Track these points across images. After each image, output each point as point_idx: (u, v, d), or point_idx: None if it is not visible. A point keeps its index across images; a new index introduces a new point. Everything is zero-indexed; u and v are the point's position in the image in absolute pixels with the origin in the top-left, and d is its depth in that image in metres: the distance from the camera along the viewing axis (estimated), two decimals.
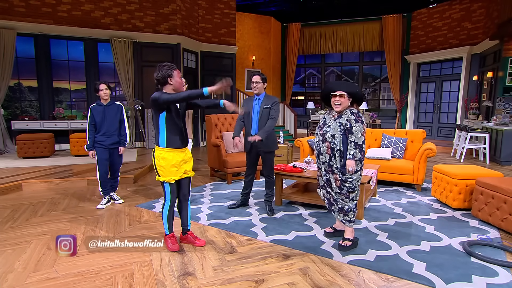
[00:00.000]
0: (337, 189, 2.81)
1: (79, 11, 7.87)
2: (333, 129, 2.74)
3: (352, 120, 2.69)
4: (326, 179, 2.87)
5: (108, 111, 3.88)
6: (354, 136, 2.66)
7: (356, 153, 2.66)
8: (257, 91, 3.70)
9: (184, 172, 2.79)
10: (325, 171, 2.85)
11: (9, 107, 7.67)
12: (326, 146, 2.77)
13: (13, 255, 2.72)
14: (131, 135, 8.43)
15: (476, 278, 2.38)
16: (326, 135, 2.77)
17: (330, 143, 2.75)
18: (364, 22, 12.27)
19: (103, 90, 3.81)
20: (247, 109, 3.73)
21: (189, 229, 2.98)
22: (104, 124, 3.85)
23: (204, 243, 2.91)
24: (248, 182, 3.98)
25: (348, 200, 2.81)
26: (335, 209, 2.91)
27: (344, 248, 2.80)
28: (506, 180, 3.50)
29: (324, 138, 2.79)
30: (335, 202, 2.88)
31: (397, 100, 11.92)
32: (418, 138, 5.22)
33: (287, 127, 10.91)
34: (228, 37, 10.18)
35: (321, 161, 2.85)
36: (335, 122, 2.76)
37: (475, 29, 9.60)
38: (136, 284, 2.30)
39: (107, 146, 3.87)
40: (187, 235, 2.96)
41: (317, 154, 2.92)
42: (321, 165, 2.87)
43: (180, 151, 2.73)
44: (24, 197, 4.43)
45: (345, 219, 2.86)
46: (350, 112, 2.73)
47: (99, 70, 8.40)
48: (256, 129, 3.71)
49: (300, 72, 14.40)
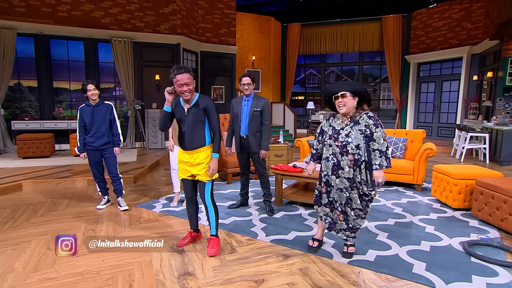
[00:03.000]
0: (359, 205, 2.51)
1: (79, 11, 7.87)
2: (355, 139, 2.42)
3: (372, 125, 2.40)
4: (347, 197, 2.52)
5: (97, 111, 3.74)
6: (376, 143, 2.37)
7: (383, 162, 2.36)
8: (248, 92, 3.68)
9: (191, 175, 2.76)
10: (344, 188, 2.50)
11: (9, 107, 7.67)
12: (349, 160, 2.44)
13: (13, 255, 2.72)
14: (131, 135, 8.43)
15: (476, 278, 2.38)
16: (349, 146, 2.43)
17: (354, 155, 2.42)
18: (364, 22, 12.27)
19: (91, 90, 3.68)
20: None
21: (212, 234, 2.81)
22: (94, 125, 3.72)
23: (214, 254, 2.71)
24: (244, 182, 3.99)
25: (364, 217, 2.60)
26: (339, 228, 2.66)
27: (351, 255, 2.70)
28: (506, 180, 3.50)
29: (346, 150, 2.45)
30: (345, 221, 2.60)
31: (397, 100, 11.92)
32: (418, 138, 5.22)
33: (287, 127, 10.91)
34: (228, 37, 10.18)
35: (343, 176, 2.49)
36: (354, 130, 2.44)
37: (475, 29, 9.60)
38: (136, 284, 2.30)
39: (97, 147, 3.75)
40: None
41: (328, 169, 2.56)
42: (337, 181, 2.53)
43: (185, 152, 2.71)
44: (24, 197, 4.43)
45: (349, 236, 2.67)
46: (367, 117, 2.43)
47: (99, 70, 8.40)
48: (245, 131, 3.71)
49: (300, 72, 14.40)
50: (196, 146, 2.66)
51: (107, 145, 3.81)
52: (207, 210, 2.77)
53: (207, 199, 2.73)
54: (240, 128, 3.74)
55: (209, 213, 2.77)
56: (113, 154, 3.87)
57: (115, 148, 3.89)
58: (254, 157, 3.76)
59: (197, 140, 2.65)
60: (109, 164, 3.87)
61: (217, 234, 2.81)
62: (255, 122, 3.67)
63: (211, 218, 2.78)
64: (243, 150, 3.81)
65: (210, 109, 2.64)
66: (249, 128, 3.68)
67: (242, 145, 3.78)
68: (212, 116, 2.66)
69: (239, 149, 3.82)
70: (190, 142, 2.66)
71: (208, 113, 2.65)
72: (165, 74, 8.71)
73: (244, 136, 3.74)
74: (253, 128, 3.67)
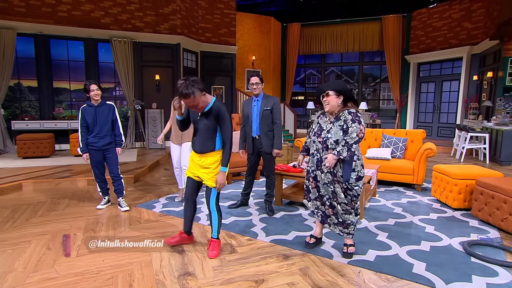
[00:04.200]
0: (344, 199, 2.59)
1: (79, 11, 7.87)
2: (334, 134, 2.54)
3: (349, 120, 2.51)
4: (332, 191, 2.63)
5: (99, 112, 3.74)
6: (348, 136, 2.48)
7: (343, 151, 2.46)
8: (257, 91, 3.68)
9: (197, 176, 2.76)
10: (329, 183, 2.62)
11: (9, 107, 7.67)
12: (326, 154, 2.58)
13: (13, 255, 2.72)
14: (131, 135, 8.43)
15: (476, 278, 2.38)
16: (328, 141, 2.56)
17: (333, 150, 2.53)
18: (364, 22, 12.27)
19: (94, 91, 3.67)
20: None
21: (213, 236, 2.78)
22: (96, 125, 3.72)
23: (214, 256, 2.70)
24: (249, 182, 3.99)
25: (353, 212, 2.64)
26: (332, 222, 2.74)
27: (351, 255, 2.71)
28: (506, 180, 3.50)
29: (326, 146, 2.57)
30: (335, 215, 2.70)
31: (397, 100, 11.92)
32: (418, 138, 5.22)
33: (287, 127, 10.91)
34: (228, 37, 10.18)
35: (325, 172, 2.61)
36: (335, 126, 2.56)
37: (475, 29, 9.60)
38: (136, 284, 2.30)
39: (99, 147, 3.76)
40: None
41: (314, 165, 2.70)
42: (323, 176, 2.63)
43: (195, 154, 2.74)
44: (24, 197, 4.42)
45: (343, 232, 2.71)
46: (348, 112, 2.55)
47: (99, 70, 8.40)
48: (257, 131, 3.71)
49: (300, 72, 14.40)
50: (205, 150, 2.66)
51: (110, 145, 3.83)
52: (211, 215, 2.75)
53: (212, 204, 2.71)
54: (251, 129, 3.74)
55: (212, 218, 2.75)
56: (115, 154, 3.89)
57: (117, 148, 3.91)
58: (266, 157, 3.75)
59: (207, 144, 2.65)
60: (110, 164, 3.88)
61: (218, 237, 2.80)
62: (265, 121, 3.66)
63: (214, 223, 2.75)
64: (255, 151, 3.80)
65: (222, 118, 2.58)
66: (261, 128, 3.68)
67: (254, 146, 3.77)
68: (224, 125, 2.60)
69: (252, 150, 3.81)
70: (200, 145, 2.67)
71: (220, 121, 2.60)
72: (165, 74, 8.74)
73: (256, 137, 3.73)
74: (265, 127, 3.67)
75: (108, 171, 3.92)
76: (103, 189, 3.97)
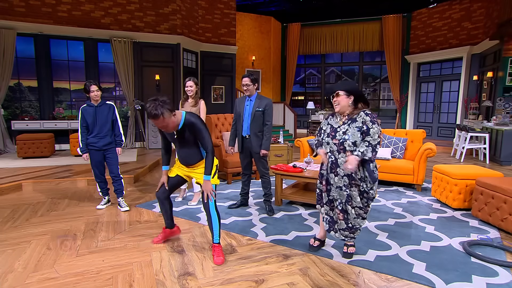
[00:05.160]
0: (359, 203, 2.52)
1: (79, 11, 7.87)
2: (352, 136, 2.45)
3: (368, 121, 2.45)
4: (347, 194, 2.53)
5: (99, 112, 3.75)
6: (370, 137, 2.41)
7: (367, 152, 2.37)
8: (248, 93, 3.70)
9: (188, 176, 2.86)
10: (344, 186, 2.52)
11: (9, 107, 7.67)
12: (347, 156, 2.46)
13: (13, 255, 2.72)
14: (131, 135, 8.43)
15: (476, 278, 2.38)
16: (345, 143, 2.46)
17: (352, 152, 2.44)
18: (364, 22, 12.27)
19: (94, 91, 3.68)
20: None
21: (215, 241, 2.71)
22: (96, 125, 3.73)
23: (221, 262, 2.61)
24: (245, 182, 3.99)
25: (364, 217, 2.58)
26: (339, 228, 2.65)
27: (351, 255, 2.70)
28: (506, 180, 3.50)
29: (343, 148, 2.48)
30: (344, 220, 2.60)
31: (397, 100, 11.92)
32: (418, 138, 5.22)
33: (287, 127, 10.91)
34: (228, 37, 10.18)
35: (342, 174, 2.51)
36: (351, 128, 2.47)
37: (475, 29, 9.61)
38: (136, 284, 2.30)
39: (99, 147, 3.76)
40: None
41: (328, 167, 2.59)
42: (337, 179, 2.54)
43: (183, 166, 2.82)
44: (24, 197, 4.42)
45: (347, 236, 2.66)
46: (365, 114, 2.49)
47: (99, 70, 8.39)
48: (247, 130, 3.72)
49: (300, 72, 14.40)
50: (193, 162, 2.75)
51: (110, 145, 3.84)
52: (211, 219, 2.69)
53: (212, 208, 2.67)
54: (242, 127, 3.76)
55: (213, 221, 2.69)
56: (115, 154, 3.89)
57: (118, 148, 3.91)
58: (256, 157, 3.77)
59: (192, 157, 2.73)
60: (111, 164, 3.89)
61: (219, 242, 2.74)
62: (257, 122, 3.68)
63: (214, 227, 2.70)
64: (245, 150, 3.81)
65: (198, 130, 2.55)
66: (251, 128, 3.69)
67: (244, 145, 3.79)
68: (200, 136, 2.57)
69: (241, 149, 3.83)
70: (186, 159, 2.74)
71: (197, 134, 2.58)
72: (165, 74, 8.74)
73: (246, 136, 3.75)
74: (255, 128, 3.68)
75: (108, 171, 3.91)
76: (103, 189, 3.97)
